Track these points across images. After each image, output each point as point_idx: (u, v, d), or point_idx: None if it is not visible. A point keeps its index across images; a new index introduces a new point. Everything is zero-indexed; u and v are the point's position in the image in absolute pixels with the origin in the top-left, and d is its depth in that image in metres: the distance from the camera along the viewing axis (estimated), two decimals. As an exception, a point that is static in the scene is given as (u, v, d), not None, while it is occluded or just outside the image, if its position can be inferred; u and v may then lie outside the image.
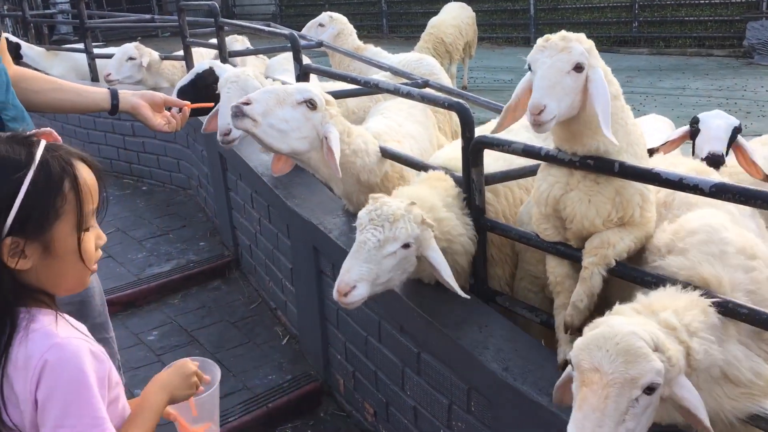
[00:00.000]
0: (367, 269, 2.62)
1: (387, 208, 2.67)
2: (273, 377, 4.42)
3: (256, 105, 3.08)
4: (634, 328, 1.91)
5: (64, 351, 1.56)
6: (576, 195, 2.58)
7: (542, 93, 2.34)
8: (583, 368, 1.90)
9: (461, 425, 3.05)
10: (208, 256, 5.96)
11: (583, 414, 1.84)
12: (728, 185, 2.14)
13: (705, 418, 1.91)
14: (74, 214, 1.61)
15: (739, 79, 13.65)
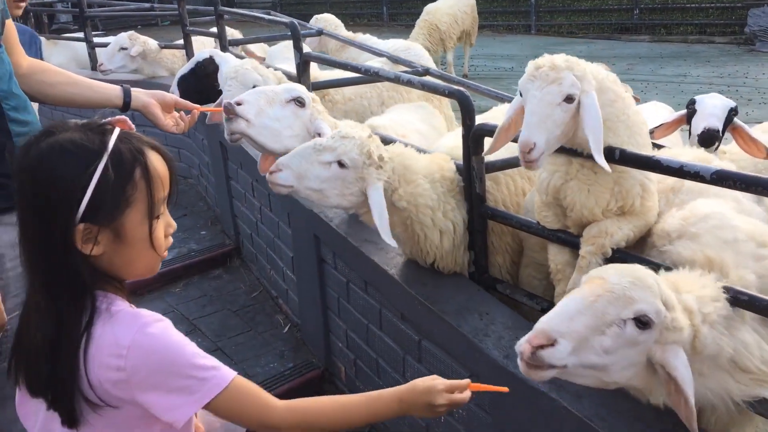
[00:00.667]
0: (297, 160, 2.71)
1: (346, 131, 2.78)
2: (274, 365, 4.44)
3: (248, 106, 3.12)
4: (654, 275, 1.93)
5: (153, 328, 1.60)
6: (575, 184, 2.58)
7: (532, 130, 2.32)
8: (591, 276, 1.93)
9: (462, 412, 3.07)
10: (210, 245, 5.98)
11: (572, 297, 1.88)
12: (729, 172, 2.14)
13: (690, 394, 1.87)
14: (145, 202, 1.63)
15: (740, 66, 13.61)
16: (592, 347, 1.84)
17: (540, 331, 1.82)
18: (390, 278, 3.29)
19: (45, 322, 1.57)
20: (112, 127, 1.64)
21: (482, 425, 2.94)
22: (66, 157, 1.54)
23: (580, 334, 1.82)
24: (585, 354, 1.84)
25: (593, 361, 1.86)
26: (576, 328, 1.82)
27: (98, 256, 1.59)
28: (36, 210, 1.55)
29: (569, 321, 1.82)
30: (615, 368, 1.90)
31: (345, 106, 4.81)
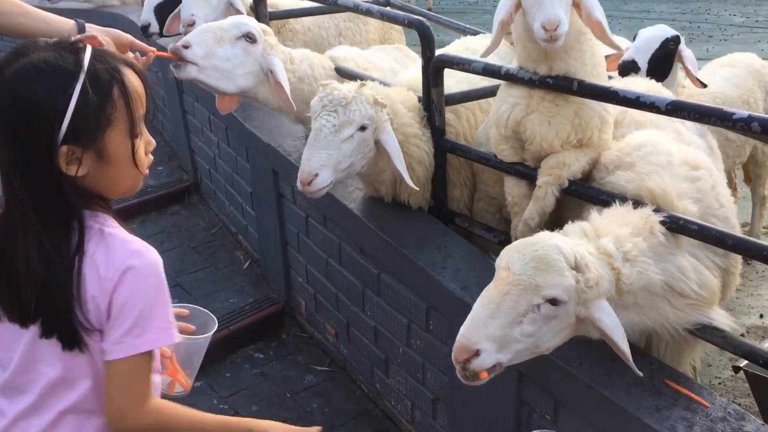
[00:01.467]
0: (326, 155, 2.61)
1: (338, 93, 2.66)
2: (234, 300, 4.43)
3: (196, 48, 2.99)
4: (558, 242, 1.96)
5: (145, 258, 1.61)
6: (536, 117, 2.57)
7: (556, 6, 2.27)
8: (499, 266, 1.97)
9: (420, 343, 3.11)
10: (167, 181, 5.86)
11: (481, 303, 1.93)
12: (684, 102, 2.15)
13: (621, 341, 1.95)
14: (125, 120, 1.61)
15: (703, 2, 13.63)
16: (515, 338, 1.91)
17: (461, 347, 1.89)
18: (349, 212, 3.28)
19: (33, 246, 1.54)
20: (84, 45, 1.59)
21: (440, 355, 2.99)
22: (43, 79, 1.51)
23: (497, 336, 1.89)
24: (511, 346, 1.92)
25: (521, 347, 1.94)
26: (491, 332, 1.89)
27: (83, 177, 1.58)
28: (17, 134, 1.52)
29: (484, 328, 1.89)
30: (545, 340, 1.98)
31: (305, 36, 4.68)
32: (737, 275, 2.56)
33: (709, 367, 3.81)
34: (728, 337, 2.21)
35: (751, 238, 2.26)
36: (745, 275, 4.60)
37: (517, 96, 2.63)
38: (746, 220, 5.23)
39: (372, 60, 3.88)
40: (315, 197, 2.69)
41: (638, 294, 2.11)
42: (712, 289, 2.25)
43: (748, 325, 4.16)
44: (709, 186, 2.37)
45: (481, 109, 3.32)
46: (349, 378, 3.86)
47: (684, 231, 2.18)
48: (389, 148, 2.73)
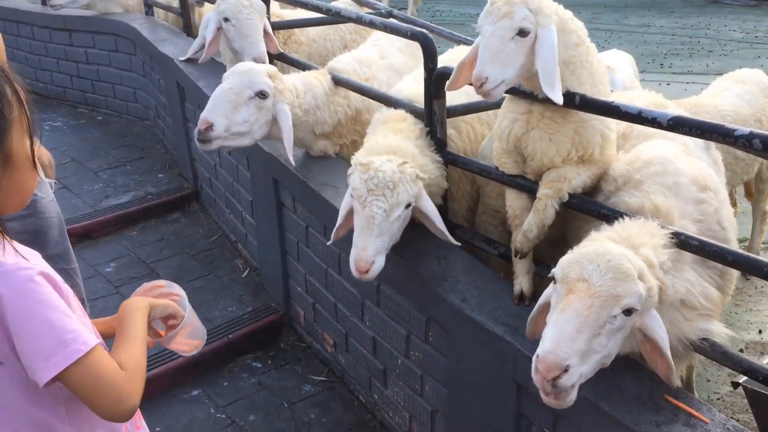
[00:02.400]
0: (380, 242, 2.64)
1: (382, 175, 2.64)
2: (233, 309, 4.42)
3: (218, 126, 3.11)
4: (625, 251, 1.98)
5: (11, 279, 1.51)
6: (537, 133, 2.58)
7: (483, 64, 2.32)
8: (571, 278, 1.95)
9: (419, 354, 3.11)
10: (167, 188, 5.86)
11: (566, 317, 1.90)
12: (685, 118, 2.16)
13: (668, 352, 1.99)
14: (21, 120, 1.56)
15: (703, 17, 13.69)
16: (594, 350, 1.92)
17: (552, 364, 1.85)
18: (349, 222, 3.28)
19: None
20: None
21: (438, 367, 2.98)
22: None
23: (583, 350, 1.89)
24: (590, 358, 1.92)
25: (597, 359, 1.94)
26: (579, 347, 1.88)
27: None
28: None
29: (572, 342, 1.87)
30: (612, 352, 1.99)
31: (310, 48, 4.72)
32: (729, 295, 2.58)
33: (707, 383, 3.80)
34: (728, 353, 2.21)
35: (750, 254, 2.26)
36: (744, 291, 4.61)
37: (516, 112, 2.64)
38: (745, 236, 5.24)
39: (373, 63, 3.88)
40: (367, 280, 2.71)
41: (663, 306, 2.13)
42: (715, 301, 2.28)
43: (747, 341, 4.16)
44: (713, 209, 2.38)
45: (480, 122, 3.33)
46: (347, 388, 3.85)
47: (686, 246, 2.20)
48: (429, 214, 2.78)
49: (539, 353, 1.89)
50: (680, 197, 2.34)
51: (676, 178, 2.37)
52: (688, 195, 2.36)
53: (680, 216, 2.29)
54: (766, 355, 3.67)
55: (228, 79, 3.26)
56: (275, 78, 3.30)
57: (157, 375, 3.77)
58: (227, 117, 3.14)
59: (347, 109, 3.61)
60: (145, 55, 6.36)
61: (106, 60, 7.10)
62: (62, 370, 1.51)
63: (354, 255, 2.64)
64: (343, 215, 2.84)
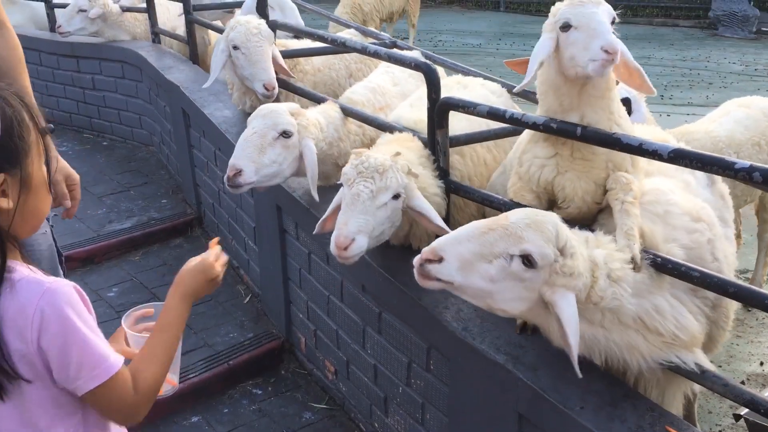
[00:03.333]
0: (364, 220, 2.63)
1: (374, 160, 2.69)
2: (234, 335, 4.43)
3: (247, 171, 3.13)
4: (559, 222, 2.11)
5: (54, 297, 1.57)
6: (572, 175, 2.58)
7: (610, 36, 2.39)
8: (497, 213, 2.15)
9: (420, 383, 3.11)
10: (170, 214, 5.89)
11: (467, 225, 2.14)
12: (686, 151, 2.18)
13: (572, 334, 2.02)
14: (38, 144, 1.62)
15: (703, 50, 13.82)
16: (478, 272, 2.05)
17: (429, 249, 2.07)
18: (352, 250, 3.29)
19: None
20: None
21: (440, 396, 2.98)
22: None
23: (463, 257, 2.04)
24: (470, 276, 2.05)
25: (478, 285, 2.06)
26: (461, 251, 2.04)
27: (1, 212, 1.56)
28: None
29: (457, 244, 2.06)
30: (501, 297, 2.09)
31: (315, 77, 4.76)
32: (726, 330, 2.58)
33: (709, 414, 3.78)
34: (729, 385, 2.21)
35: (750, 285, 2.27)
36: (746, 322, 4.60)
37: (543, 157, 2.64)
38: (746, 267, 5.24)
39: (387, 91, 3.92)
40: (348, 263, 2.67)
41: (606, 315, 2.17)
42: (691, 333, 2.27)
43: (748, 373, 4.15)
44: (705, 239, 2.40)
45: (482, 145, 3.36)
46: (347, 416, 3.84)
47: (665, 269, 2.24)
48: (425, 212, 2.77)
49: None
50: (669, 224, 2.38)
51: (667, 207, 2.42)
52: (678, 223, 2.39)
53: (665, 240, 2.32)
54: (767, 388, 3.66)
55: (252, 123, 3.28)
56: (298, 115, 3.33)
57: (158, 401, 3.74)
58: (254, 161, 3.16)
59: (363, 138, 3.65)
60: (151, 82, 6.43)
61: (113, 86, 7.18)
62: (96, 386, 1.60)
63: (335, 231, 2.63)
64: (332, 207, 2.86)
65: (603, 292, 2.13)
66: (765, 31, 15.61)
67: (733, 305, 2.53)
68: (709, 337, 2.52)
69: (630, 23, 17.00)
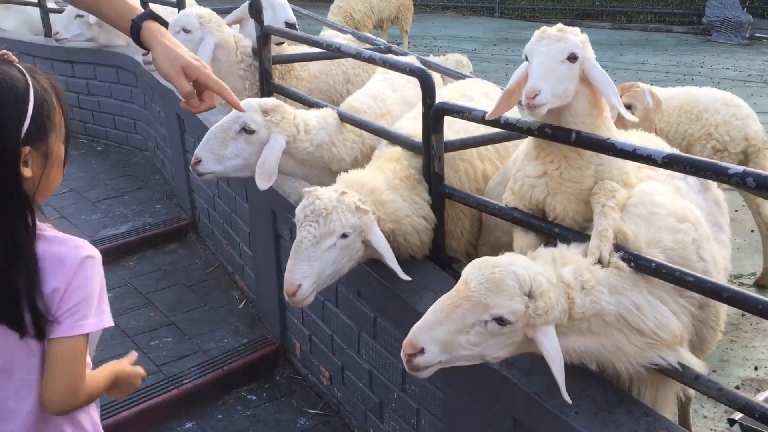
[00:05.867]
0: (308, 266, 2.67)
1: (319, 203, 2.71)
2: (229, 340, 4.41)
3: (206, 161, 3.31)
4: (517, 269, 2.13)
5: (95, 250, 1.82)
6: (563, 197, 2.62)
7: (538, 79, 2.43)
8: (461, 278, 2.16)
9: (415, 388, 3.10)
10: (165, 219, 5.88)
11: (434, 308, 2.15)
12: (680, 156, 2.19)
13: (556, 367, 2.09)
14: (62, 124, 1.80)
15: (696, 55, 13.88)
16: (460, 344, 2.11)
17: (408, 343, 2.12)
18: (347, 255, 3.29)
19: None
20: (8, 59, 1.74)
21: (435, 401, 2.98)
22: (4, 90, 1.67)
23: (441, 340, 2.10)
24: (455, 351, 2.12)
25: (465, 354, 2.14)
26: (437, 336, 2.10)
27: (26, 180, 1.72)
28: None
29: (431, 331, 2.10)
30: (490, 351, 2.16)
31: (310, 83, 4.76)
32: (718, 330, 2.59)
33: (704, 419, 3.79)
34: (724, 390, 2.21)
35: (744, 290, 2.27)
36: (740, 327, 4.61)
37: (533, 176, 2.68)
38: (739, 272, 5.26)
39: (387, 98, 3.92)
40: (301, 306, 2.75)
41: (592, 321, 2.21)
42: (672, 331, 2.28)
43: (743, 377, 4.15)
44: (690, 239, 2.41)
45: (480, 159, 3.34)
46: (342, 422, 3.83)
47: (643, 269, 2.27)
48: (380, 249, 2.79)
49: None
50: (653, 225, 2.39)
51: (652, 208, 2.44)
52: (663, 224, 2.40)
53: (648, 244, 2.34)
54: (762, 392, 3.66)
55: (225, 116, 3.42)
56: (273, 111, 3.35)
57: (152, 407, 3.76)
58: (214, 152, 3.31)
59: (362, 146, 3.66)
60: (146, 87, 6.43)
61: (107, 91, 7.17)
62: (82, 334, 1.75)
63: (284, 278, 2.71)
64: None
65: (582, 308, 2.18)
66: (758, 36, 15.69)
67: (723, 306, 2.54)
68: (700, 338, 2.53)
69: (624, 29, 17.08)
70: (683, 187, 2.74)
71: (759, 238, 5.14)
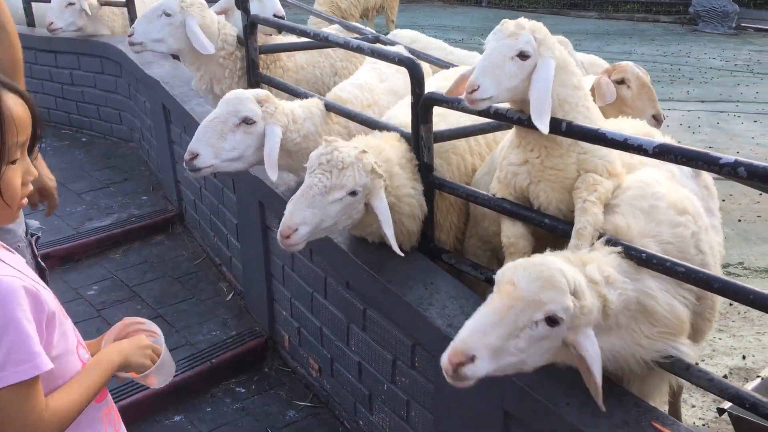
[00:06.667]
0: (311, 213, 2.63)
1: (338, 154, 2.67)
2: (217, 333, 4.38)
3: (204, 155, 3.15)
4: (562, 266, 2.04)
5: (4, 289, 1.54)
6: (545, 186, 2.61)
7: (479, 73, 2.39)
8: (502, 281, 2.03)
9: (405, 380, 3.09)
10: (151, 211, 5.82)
11: (485, 312, 1.98)
12: (671, 146, 2.18)
13: (597, 371, 2.02)
14: (23, 147, 1.61)
15: (683, 45, 13.93)
16: (508, 350, 1.97)
17: (458, 350, 1.93)
18: (336, 247, 3.27)
19: None
20: None
21: (425, 393, 2.96)
22: None
23: (495, 346, 1.94)
24: (502, 358, 1.97)
25: (510, 362, 1.99)
26: (491, 341, 1.94)
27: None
28: None
29: (484, 336, 1.94)
30: (531, 359, 2.04)
31: (297, 74, 4.72)
32: (712, 322, 2.60)
33: (693, 408, 3.81)
34: (714, 380, 2.22)
35: (734, 280, 2.27)
36: (728, 316, 4.64)
37: (515, 164, 2.67)
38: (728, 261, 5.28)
39: (374, 88, 3.88)
40: (291, 251, 2.71)
41: (619, 315, 2.17)
42: (680, 318, 2.28)
43: (731, 367, 4.18)
44: (690, 233, 2.41)
45: (471, 153, 3.33)
46: (331, 414, 3.81)
47: (650, 265, 2.25)
48: (380, 215, 2.76)
49: (454, 340, 1.96)
50: (654, 219, 2.38)
51: (653, 201, 2.42)
52: (663, 218, 2.39)
53: (641, 235, 2.33)
54: (750, 381, 3.68)
55: (217, 108, 3.28)
56: (266, 102, 3.30)
57: (140, 400, 3.72)
58: (213, 146, 3.17)
59: (347, 138, 3.62)
60: (131, 77, 6.35)
61: (92, 82, 7.08)
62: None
63: (282, 219, 2.65)
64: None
65: (614, 303, 2.11)
66: (744, 26, 15.76)
67: (719, 297, 2.54)
68: (695, 329, 2.53)
69: (611, 19, 17.10)
70: (677, 172, 2.74)
71: (746, 227, 5.16)
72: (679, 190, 2.57)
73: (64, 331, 1.73)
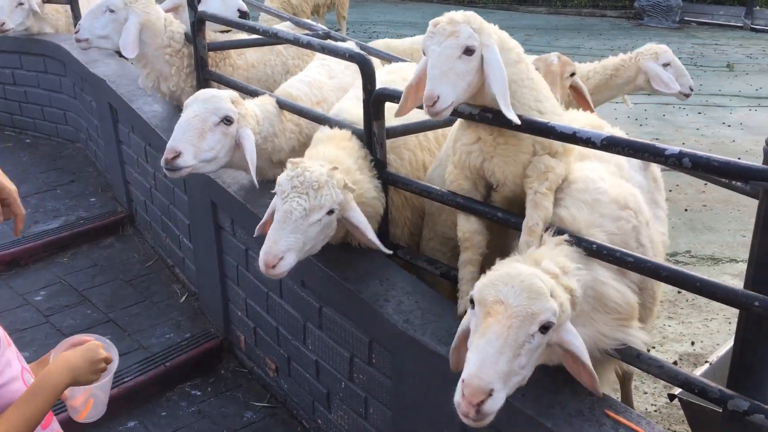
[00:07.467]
0: (294, 239, 2.58)
1: (309, 174, 2.63)
2: (171, 336, 4.31)
3: (186, 154, 3.05)
4: (534, 271, 2.03)
5: None
6: (499, 161, 2.59)
7: (434, 83, 2.32)
8: (488, 301, 1.97)
9: (363, 377, 3.08)
10: (100, 213, 5.68)
11: (487, 340, 1.89)
12: (618, 138, 2.21)
13: (588, 361, 2.03)
14: None
15: (629, 39, 14.22)
16: (514, 371, 1.93)
17: (476, 388, 1.83)
18: (290, 245, 3.24)
19: None
20: None
21: (383, 389, 2.96)
22: None
23: (505, 372, 1.89)
24: (510, 381, 1.92)
25: (516, 381, 1.95)
26: (501, 368, 1.87)
27: None
28: None
29: (495, 365, 1.86)
30: (528, 371, 2.00)
31: (248, 72, 4.65)
32: (654, 311, 2.66)
33: (645, 395, 3.89)
34: (664, 367, 2.26)
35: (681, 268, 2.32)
36: (677, 304, 4.75)
37: (467, 143, 2.65)
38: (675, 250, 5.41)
39: (323, 85, 3.85)
40: (275, 278, 2.65)
41: (582, 302, 2.18)
42: (631, 303, 2.33)
43: (680, 353, 4.28)
44: (631, 227, 2.46)
45: (422, 149, 3.32)
46: (289, 414, 3.78)
47: (599, 255, 2.28)
48: (358, 224, 2.76)
49: (464, 377, 1.86)
50: (596, 212, 2.42)
51: (596, 195, 2.46)
52: (606, 211, 2.44)
53: (587, 226, 2.37)
54: (699, 367, 3.78)
55: (191, 106, 3.17)
56: (237, 103, 3.25)
57: (91, 407, 3.63)
58: (194, 144, 3.08)
59: (299, 136, 3.59)
60: (75, 76, 6.19)
61: (35, 81, 6.88)
62: None
63: (264, 248, 2.59)
64: (269, 212, 2.81)
65: (578, 291, 2.12)
66: (687, 20, 16.16)
67: (660, 286, 2.59)
68: (639, 319, 2.58)
69: (560, 14, 17.36)
70: (625, 165, 2.79)
71: (693, 216, 5.30)
72: (623, 184, 2.61)
73: (8, 359, 1.67)
